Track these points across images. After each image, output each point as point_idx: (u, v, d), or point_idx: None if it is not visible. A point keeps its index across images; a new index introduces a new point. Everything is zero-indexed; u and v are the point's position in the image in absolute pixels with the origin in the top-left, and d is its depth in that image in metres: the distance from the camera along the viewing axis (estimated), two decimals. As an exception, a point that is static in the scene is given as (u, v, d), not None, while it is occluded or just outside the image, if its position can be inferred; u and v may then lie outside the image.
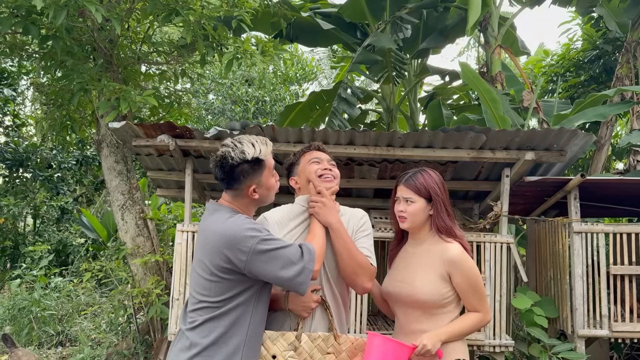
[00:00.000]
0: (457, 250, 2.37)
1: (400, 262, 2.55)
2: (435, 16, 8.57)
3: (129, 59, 6.11)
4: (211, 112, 12.82)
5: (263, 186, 2.26)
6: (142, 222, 6.07)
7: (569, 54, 9.64)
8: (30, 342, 6.73)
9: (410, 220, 2.45)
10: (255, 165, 2.21)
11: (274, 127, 4.24)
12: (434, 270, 2.37)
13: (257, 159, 2.20)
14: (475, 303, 2.40)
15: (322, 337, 2.27)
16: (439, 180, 2.48)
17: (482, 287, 2.41)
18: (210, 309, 2.12)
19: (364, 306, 4.52)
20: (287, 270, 2.09)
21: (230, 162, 2.17)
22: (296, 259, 2.11)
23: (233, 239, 2.09)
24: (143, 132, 4.40)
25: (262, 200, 2.30)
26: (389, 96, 8.75)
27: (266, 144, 2.27)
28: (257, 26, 7.85)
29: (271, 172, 2.30)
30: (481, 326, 2.45)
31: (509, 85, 8.01)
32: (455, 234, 2.42)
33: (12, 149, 10.04)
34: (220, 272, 2.11)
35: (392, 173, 5.02)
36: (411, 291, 2.39)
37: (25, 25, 4.85)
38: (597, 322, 4.54)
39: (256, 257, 2.07)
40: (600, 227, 4.53)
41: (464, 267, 2.35)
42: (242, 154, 2.17)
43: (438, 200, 2.42)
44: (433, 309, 2.37)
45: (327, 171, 2.43)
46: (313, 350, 2.24)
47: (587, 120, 6.75)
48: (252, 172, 2.21)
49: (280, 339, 2.23)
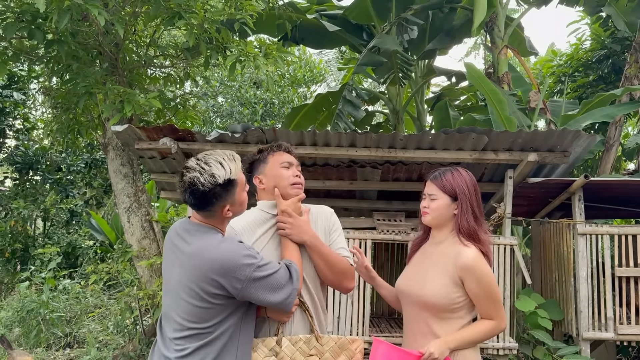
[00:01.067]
0: (472, 254, 2.26)
1: (416, 260, 2.49)
2: (442, 17, 8.54)
3: (134, 63, 6.15)
4: (219, 115, 12.86)
5: (236, 204, 2.15)
6: (148, 225, 6.11)
7: (578, 53, 9.55)
8: (39, 343, 6.79)
9: (432, 216, 2.38)
10: (228, 187, 2.08)
11: (275, 130, 4.25)
12: (446, 273, 2.29)
13: (229, 180, 2.07)
14: (489, 310, 2.29)
15: (303, 339, 2.22)
16: (469, 180, 2.39)
17: (496, 294, 2.30)
18: (201, 336, 2.05)
19: (366, 309, 4.50)
20: (278, 294, 2.08)
21: (201, 189, 2.03)
22: (285, 281, 2.10)
23: (229, 267, 2.01)
24: (145, 135, 4.42)
25: (235, 215, 2.21)
26: (395, 97, 8.73)
27: (234, 160, 2.13)
28: (262, 29, 7.87)
29: (243, 188, 2.18)
30: (495, 334, 2.35)
31: (516, 86, 7.96)
32: (479, 238, 2.31)
33: (22, 152, 10.15)
34: (212, 298, 2.03)
35: (395, 175, 5.01)
36: (420, 292, 2.32)
37: (30, 30, 4.90)
38: (602, 324, 4.48)
39: (251, 284, 2.03)
40: (605, 228, 4.48)
41: (478, 273, 2.24)
42: (213, 178, 2.03)
43: (464, 200, 2.33)
44: (442, 312, 2.28)
45: (297, 178, 2.36)
46: (295, 354, 2.18)
47: (594, 120, 6.68)
48: (226, 193, 2.08)
49: (261, 345, 2.18)
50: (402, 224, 4.77)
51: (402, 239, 4.56)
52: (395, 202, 5.41)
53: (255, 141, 4.40)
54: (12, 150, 10.45)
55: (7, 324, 7.28)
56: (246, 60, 5.20)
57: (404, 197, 5.39)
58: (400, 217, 4.95)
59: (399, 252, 5.93)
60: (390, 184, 5.10)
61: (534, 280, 5.44)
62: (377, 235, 4.54)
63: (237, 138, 4.31)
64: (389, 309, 5.76)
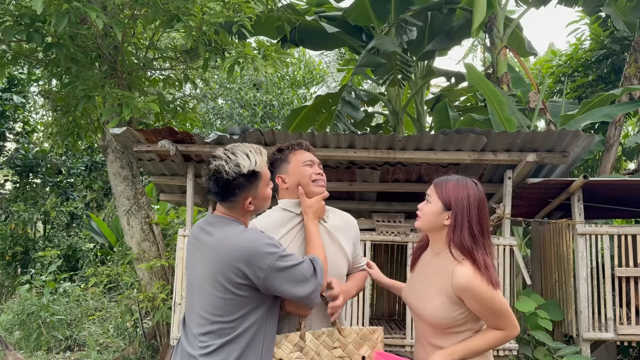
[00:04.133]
0: (466, 274, 2.09)
1: (418, 270, 2.39)
2: (441, 18, 8.54)
3: (133, 65, 6.15)
4: (220, 117, 12.86)
5: (259, 197, 2.16)
6: (147, 227, 6.11)
7: (577, 53, 9.55)
8: (39, 346, 6.79)
9: (421, 220, 2.27)
10: (252, 178, 2.10)
11: (274, 132, 4.25)
12: (444, 292, 2.15)
13: (254, 172, 2.09)
14: (496, 322, 2.15)
15: (326, 332, 2.22)
16: (473, 194, 2.19)
17: (501, 307, 2.12)
18: (225, 331, 2.03)
19: (365, 310, 4.50)
20: (302, 288, 2.04)
21: (225, 177, 2.05)
22: (309, 275, 2.07)
23: (252, 254, 2.01)
24: (144, 138, 4.43)
25: (257, 210, 2.22)
26: (395, 99, 8.73)
27: (261, 153, 2.14)
28: (262, 31, 7.88)
29: (267, 183, 2.19)
30: (505, 342, 2.21)
31: (516, 87, 7.96)
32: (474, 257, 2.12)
33: (22, 156, 10.15)
34: (235, 289, 2.02)
35: (394, 176, 5.00)
36: (422, 310, 2.23)
37: (29, 33, 4.92)
38: (602, 325, 4.47)
39: (274, 275, 2.00)
40: (605, 228, 4.48)
41: (475, 292, 2.08)
42: (238, 168, 2.05)
43: (459, 212, 2.16)
44: (445, 329, 2.18)
45: (320, 176, 2.37)
46: (319, 348, 2.19)
47: (594, 120, 6.68)
48: (249, 185, 2.10)
49: (284, 341, 2.16)
50: (401, 225, 4.77)
51: (402, 240, 4.55)
52: (394, 204, 5.41)
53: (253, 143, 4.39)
54: (13, 153, 10.45)
55: (8, 327, 7.28)
56: (244, 62, 5.20)
57: (404, 198, 5.38)
58: (400, 219, 4.95)
59: (398, 253, 5.93)
60: (390, 185, 5.10)
61: (534, 281, 5.43)
62: (376, 236, 4.54)
63: (236, 140, 4.31)
64: (388, 310, 5.76)
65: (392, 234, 4.57)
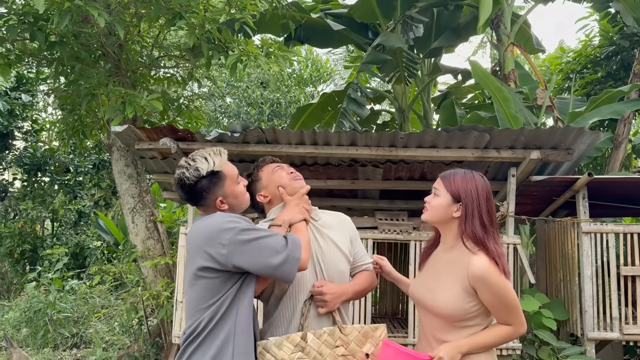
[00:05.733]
0: (482, 263, 2.13)
1: (429, 266, 2.41)
2: (448, 15, 8.47)
3: (137, 64, 6.16)
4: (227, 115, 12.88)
5: (229, 196, 2.24)
6: (152, 225, 6.13)
7: (586, 50, 9.44)
8: (46, 343, 6.83)
9: (429, 213, 2.29)
10: (214, 179, 2.20)
11: (275, 129, 4.24)
12: (459, 282, 2.18)
13: (213, 172, 2.19)
14: (506, 317, 2.19)
15: (327, 332, 2.23)
16: (481, 186, 2.24)
17: (513, 300, 2.17)
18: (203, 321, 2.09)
19: (367, 309, 4.47)
20: (272, 259, 2.04)
21: (187, 183, 2.17)
22: (280, 247, 2.06)
23: (211, 234, 2.07)
24: (145, 136, 4.43)
25: (234, 208, 2.28)
26: (401, 96, 8.68)
27: (220, 154, 2.23)
28: (266, 28, 7.86)
29: (234, 181, 2.27)
30: (513, 339, 2.25)
31: (523, 84, 7.88)
32: (487, 247, 2.16)
33: (31, 154, 10.22)
34: (204, 273, 2.07)
35: (397, 174, 4.97)
36: (433, 302, 2.24)
37: (32, 31, 4.93)
38: (607, 324, 4.41)
39: (237, 249, 2.03)
40: (610, 227, 4.42)
41: (490, 282, 2.11)
42: (197, 172, 2.16)
43: (469, 204, 2.20)
44: (456, 322, 2.20)
45: (294, 173, 2.43)
46: (321, 347, 2.20)
47: (601, 117, 6.61)
48: (212, 185, 2.20)
49: (286, 342, 2.17)
50: (403, 223, 4.73)
51: (404, 239, 4.52)
52: (398, 202, 5.37)
53: (254, 140, 4.39)
54: (21, 152, 10.53)
55: (15, 324, 7.33)
56: (247, 60, 5.18)
57: (407, 196, 5.35)
58: (403, 217, 4.91)
59: (401, 252, 5.89)
60: (392, 183, 5.07)
61: (539, 280, 5.38)
62: (378, 234, 4.51)
63: (237, 137, 4.30)
64: (392, 309, 5.72)
65: (395, 232, 4.54)
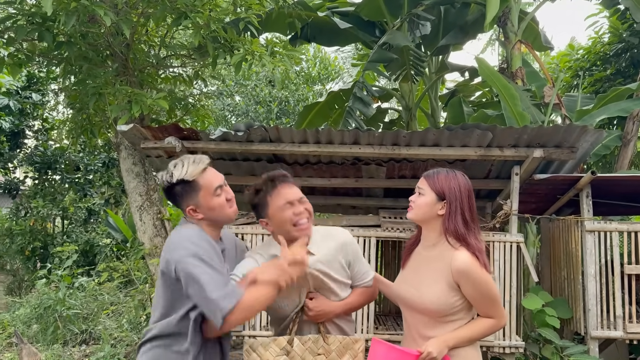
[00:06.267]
0: (465, 258, 2.22)
1: (411, 264, 2.47)
2: (455, 12, 8.44)
3: (144, 63, 6.21)
4: (235, 114, 12.93)
5: (203, 207, 2.16)
6: (159, 223, 6.18)
7: (595, 47, 9.37)
8: (56, 340, 6.92)
9: (415, 212, 2.37)
10: (186, 187, 2.14)
11: (278, 128, 4.26)
12: (443, 278, 2.26)
13: (183, 180, 2.12)
14: (488, 310, 2.28)
15: (312, 339, 2.33)
16: (463, 184, 2.33)
17: (494, 294, 2.28)
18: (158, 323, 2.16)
19: (371, 307, 4.49)
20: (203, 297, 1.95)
21: (163, 186, 2.19)
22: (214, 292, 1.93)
23: (174, 244, 2.07)
24: (150, 135, 4.47)
25: (211, 219, 2.20)
26: (408, 94, 8.67)
27: (197, 163, 2.16)
28: (273, 27, 7.88)
29: (211, 192, 2.16)
30: (495, 331, 2.35)
31: (531, 81, 7.83)
32: (467, 243, 2.25)
33: (41, 152, 10.34)
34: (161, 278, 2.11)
35: (400, 172, 4.98)
36: (418, 299, 2.30)
37: (40, 32, 5.00)
38: (611, 323, 4.39)
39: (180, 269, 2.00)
40: (614, 225, 4.39)
41: (472, 277, 2.21)
42: (170, 177, 2.14)
43: (452, 201, 2.29)
44: (441, 317, 2.27)
45: (300, 215, 2.29)
46: (305, 353, 2.30)
47: (609, 115, 6.57)
48: (185, 193, 2.15)
49: (273, 344, 2.27)
50: (407, 221, 4.74)
51: (407, 237, 4.53)
52: (402, 200, 5.37)
53: (258, 139, 4.42)
54: (32, 150, 10.66)
55: (26, 321, 7.44)
56: (252, 59, 5.22)
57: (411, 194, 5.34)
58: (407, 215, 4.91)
59: (407, 250, 5.90)
60: (396, 181, 5.08)
61: (543, 278, 5.36)
62: (381, 233, 4.53)
63: (241, 136, 4.33)
64: (396, 307, 5.73)
65: (398, 231, 4.55)
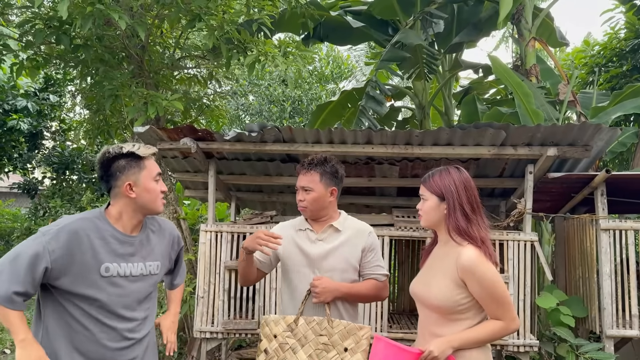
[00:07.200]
0: (470, 254, 2.20)
1: (428, 263, 2.50)
2: (468, 10, 8.41)
3: (159, 65, 6.29)
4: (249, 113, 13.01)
5: (141, 186, 2.25)
6: (175, 222, 6.25)
7: (611, 43, 9.27)
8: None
9: (424, 219, 2.40)
10: (132, 161, 2.25)
11: (291, 128, 4.29)
12: (449, 274, 2.26)
13: (133, 153, 2.25)
14: (495, 310, 2.22)
15: (317, 320, 2.54)
16: (457, 178, 2.33)
17: (502, 293, 2.21)
18: None
19: (384, 305, 4.51)
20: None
21: (106, 156, 2.24)
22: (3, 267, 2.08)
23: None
24: (166, 136, 4.53)
25: (140, 201, 2.27)
26: (421, 92, 8.66)
27: (147, 148, 2.31)
28: (285, 27, 7.91)
29: (152, 176, 2.29)
30: (504, 335, 2.26)
31: (546, 78, 7.78)
32: (470, 236, 2.24)
33: (59, 153, 10.49)
34: None
35: (414, 171, 4.99)
36: (427, 294, 2.32)
37: (57, 35, 5.09)
38: (626, 322, 4.37)
39: None
40: (629, 224, 4.37)
41: (477, 274, 2.18)
42: (119, 149, 2.24)
43: (449, 198, 2.29)
44: (449, 314, 2.26)
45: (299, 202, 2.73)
46: (307, 332, 2.52)
47: (625, 112, 6.51)
48: (129, 167, 2.24)
49: (281, 321, 2.57)
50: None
51: (420, 236, 4.55)
52: (415, 199, 5.35)
53: (272, 139, 4.46)
54: (50, 151, 10.81)
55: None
56: (265, 60, 5.26)
57: (424, 193, 5.35)
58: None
59: (419, 249, 5.90)
60: (409, 180, 5.09)
61: (558, 277, 5.35)
62: (394, 232, 4.54)
63: (254, 137, 4.37)
64: (410, 305, 5.74)
65: (411, 229, 4.57)
